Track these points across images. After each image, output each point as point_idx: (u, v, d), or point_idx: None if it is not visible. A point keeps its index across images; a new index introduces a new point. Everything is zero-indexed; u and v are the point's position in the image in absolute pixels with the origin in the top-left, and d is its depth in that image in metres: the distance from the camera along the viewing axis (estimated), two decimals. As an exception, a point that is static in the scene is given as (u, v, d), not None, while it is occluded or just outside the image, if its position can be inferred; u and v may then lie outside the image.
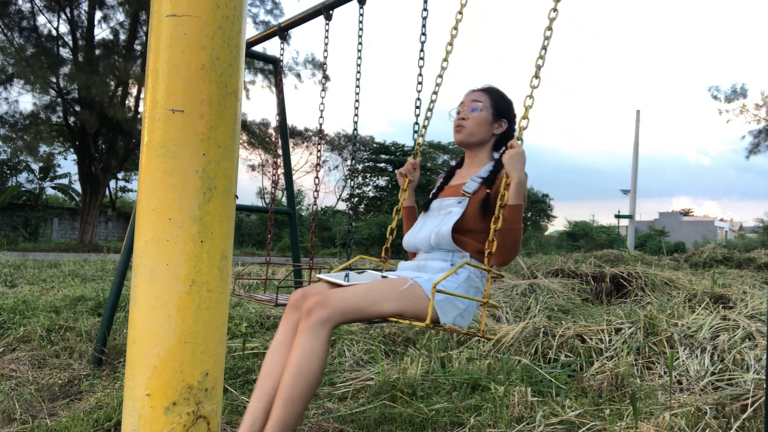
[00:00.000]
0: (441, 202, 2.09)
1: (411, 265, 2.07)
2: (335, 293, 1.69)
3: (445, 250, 1.96)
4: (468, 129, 2.09)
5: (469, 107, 2.11)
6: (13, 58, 16.10)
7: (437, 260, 1.97)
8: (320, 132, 3.25)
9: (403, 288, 1.77)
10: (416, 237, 2.08)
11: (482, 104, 2.09)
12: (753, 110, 22.95)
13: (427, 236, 2.00)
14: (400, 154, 37.32)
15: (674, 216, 47.10)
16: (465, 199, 1.99)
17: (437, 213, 2.07)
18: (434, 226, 2.00)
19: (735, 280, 7.46)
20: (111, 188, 26.68)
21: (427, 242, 2.00)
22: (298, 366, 1.61)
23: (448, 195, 2.11)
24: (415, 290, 1.78)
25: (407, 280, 1.81)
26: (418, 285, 1.80)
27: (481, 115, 2.08)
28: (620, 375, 3.23)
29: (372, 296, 1.71)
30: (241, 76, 1.62)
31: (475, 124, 2.09)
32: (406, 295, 1.76)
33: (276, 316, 5.05)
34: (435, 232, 1.96)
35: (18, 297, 5.10)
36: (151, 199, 1.47)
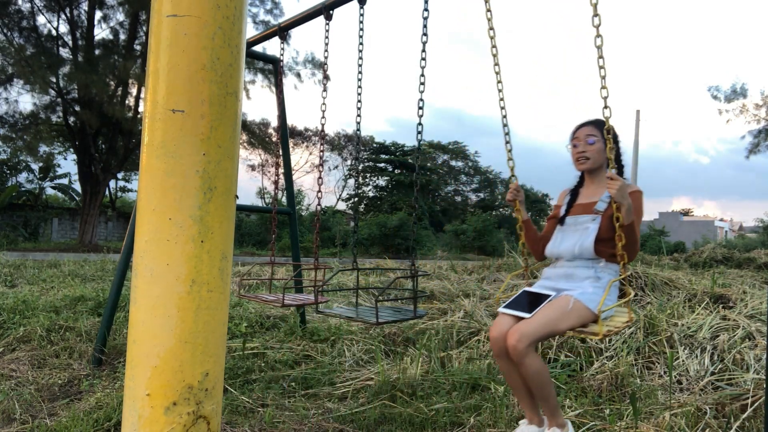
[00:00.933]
0: (576, 219, 2.51)
1: (557, 273, 2.49)
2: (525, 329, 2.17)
3: (586, 259, 2.42)
4: (591, 160, 2.50)
5: (584, 140, 2.50)
6: (13, 58, 16.08)
7: (581, 268, 2.42)
8: (322, 132, 3.25)
9: (570, 309, 2.22)
10: (560, 248, 2.50)
11: (596, 137, 2.48)
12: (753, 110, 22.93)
13: (571, 247, 2.44)
14: (400, 154, 37.30)
15: (674, 216, 47.09)
16: (598, 216, 2.43)
17: (574, 228, 2.50)
18: (576, 239, 2.44)
19: (735, 280, 7.46)
20: (111, 188, 26.65)
21: (571, 252, 2.44)
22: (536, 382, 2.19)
23: (580, 212, 2.52)
24: (577, 306, 2.23)
25: (569, 300, 2.25)
26: (577, 301, 2.24)
27: (597, 146, 2.49)
28: (620, 375, 3.23)
29: (551, 323, 2.19)
30: (242, 76, 1.62)
31: (594, 154, 2.50)
32: (574, 314, 2.21)
33: (276, 316, 5.05)
34: (579, 244, 2.42)
35: (18, 297, 5.10)
36: (151, 199, 1.47)
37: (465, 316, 4.86)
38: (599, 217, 2.43)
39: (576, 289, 2.33)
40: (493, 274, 8.20)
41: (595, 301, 2.25)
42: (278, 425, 2.70)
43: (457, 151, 42.06)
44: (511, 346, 2.17)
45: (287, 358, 3.81)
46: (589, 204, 2.52)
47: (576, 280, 2.41)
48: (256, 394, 3.10)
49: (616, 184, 2.17)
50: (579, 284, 2.37)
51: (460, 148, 41.97)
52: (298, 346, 4.09)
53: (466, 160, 42.72)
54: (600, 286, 2.33)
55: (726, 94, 23.25)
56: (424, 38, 2.44)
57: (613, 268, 2.40)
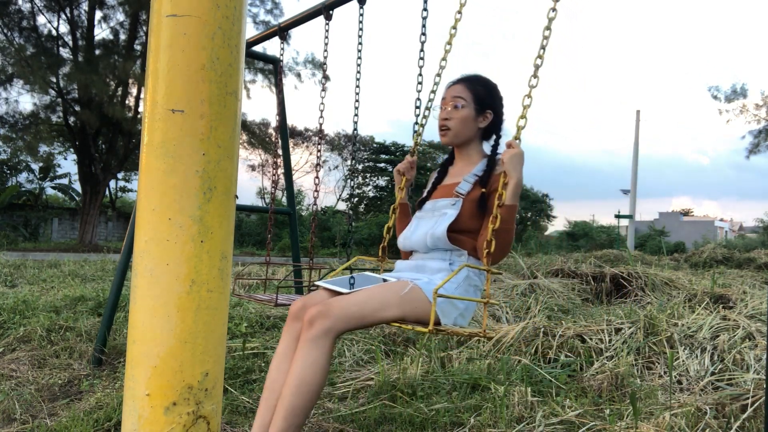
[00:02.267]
0: (435, 203, 2.08)
1: (409, 265, 2.07)
2: (336, 302, 1.69)
3: (442, 250, 1.96)
4: (453, 130, 2.05)
5: (451, 103, 2.05)
6: (13, 58, 16.09)
7: (435, 260, 1.97)
8: (320, 132, 3.25)
9: (404, 292, 1.77)
10: (411, 238, 2.07)
11: (464, 100, 2.03)
12: (753, 110, 22.95)
13: (422, 238, 2.00)
14: (400, 154, 37.29)
15: (674, 216, 47.09)
16: (459, 200, 1.99)
17: (431, 214, 2.06)
18: (429, 227, 1.99)
19: (735, 280, 7.46)
20: (111, 188, 26.67)
21: (423, 243, 2.00)
22: (299, 377, 1.63)
23: (441, 195, 2.09)
24: (416, 293, 1.79)
25: (407, 284, 1.81)
26: (418, 288, 1.80)
27: (463, 113, 2.03)
28: (620, 375, 3.23)
29: (373, 303, 1.72)
30: (241, 76, 1.62)
31: (459, 123, 2.03)
32: (407, 299, 1.76)
33: (276, 316, 5.05)
34: (430, 234, 1.96)
35: (18, 297, 5.10)
36: (151, 199, 1.47)
37: (465, 316, 4.86)
38: (460, 201, 1.97)
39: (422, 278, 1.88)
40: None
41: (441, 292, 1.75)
42: (278, 425, 2.70)
43: (456, 151, 42.01)
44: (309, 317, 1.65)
45: (287, 358, 3.80)
46: (451, 185, 2.07)
47: (426, 271, 1.96)
48: (256, 394, 3.10)
49: (512, 150, 1.77)
50: (428, 275, 1.92)
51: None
52: (298, 346, 4.09)
53: (466, 160, 42.72)
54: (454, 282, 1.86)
55: (726, 94, 23.29)
56: (422, 38, 2.44)
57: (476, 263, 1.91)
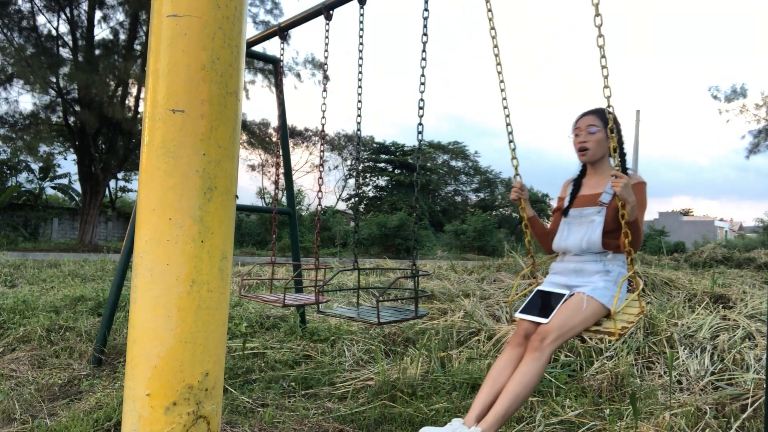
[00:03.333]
0: (580, 211, 2.49)
1: (566, 268, 2.49)
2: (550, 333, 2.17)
3: (594, 253, 2.42)
4: (591, 150, 2.48)
5: (585, 130, 2.47)
6: (13, 58, 16.08)
7: (590, 263, 2.42)
8: (322, 132, 3.25)
9: (584, 307, 2.23)
10: (567, 242, 2.49)
11: (596, 127, 2.45)
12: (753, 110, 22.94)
13: (578, 242, 2.44)
14: (400, 154, 37.29)
15: (674, 216, 47.06)
16: (603, 209, 2.41)
17: (579, 220, 2.48)
18: (584, 233, 2.43)
19: (735, 280, 7.45)
20: (111, 188, 26.65)
21: (579, 246, 2.43)
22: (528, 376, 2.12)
23: (585, 204, 2.50)
24: (591, 304, 2.25)
25: (582, 299, 2.25)
26: (590, 299, 2.25)
27: (597, 136, 2.46)
28: (620, 375, 3.23)
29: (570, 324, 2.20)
30: (242, 76, 1.62)
31: (594, 145, 2.47)
32: (589, 313, 2.23)
33: (276, 316, 5.05)
34: (586, 238, 2.41)
35: (18, 297, 5.10)
36: (151, 199, 1.47)
37: (465, 316, 4.86)
38: (604, 209, 2.41)
39: (587, 285, 2.33)
40: (493, 274, 8.20)
41: (607, 296, 2.26)
42: (278, 425, 2.70)
43: (457, 151, 42.06)
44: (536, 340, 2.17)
45: (287, 358, 3.81)
46: (593, 195, 2.50)
47: (586, 275, 2.41)
48: (256, 394, 3.10)
49: (620, 182, 2.15)
50: (589, 279, 2.37)
51: (460, 148, 41.99)
52: (298, 346, 4.09)
53: (466, 160, 42.73)
54: (610, 280, 2.34)
55: (726, 94, 23.27)
56: (424, 38, 2.44)
57: (620, 259, 2.40)
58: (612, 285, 2.33)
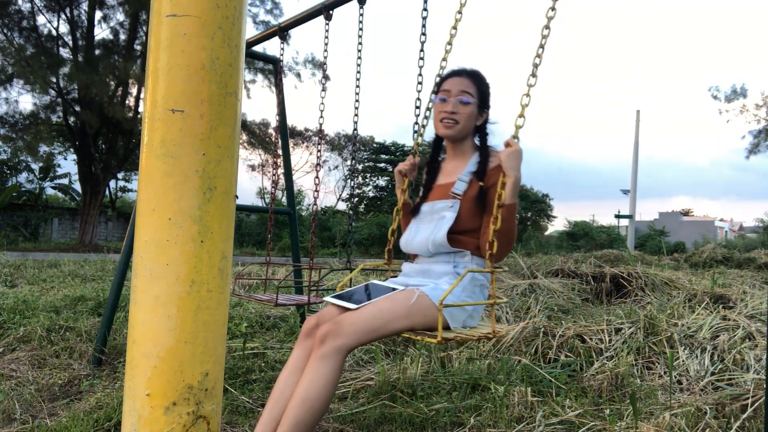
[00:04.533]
0: (432, 206, 2.06)
1: (415, 269, 2.08)
2: (346, 319, 1.70)
3: (445, 253, 1.96)
4: (460, 125, 2.01)
5: (457, 97, 2.00)
6: (13, 58, 16.08)
7: (440, 263, 1.98)
8: (320, 132, 3.25)
9: (412, 302, 1.78)
10: (413, 243, 2.06)
11: (472, 97, 2.01)
12: (753, 110, 22.95)
13: (424, 243, 1.99)
14: (400, 154, 37.29)
15: (674, 216, 47.07)
16: (456, 201, 1.97)
17: (429, 217, 2.04)
18: (429, 232, 1.98)
19: (735, 280, 7.45)
20: (111, 188, 26.66)
21: (426, 249, 1.99)
22: (307, 391, 1.64)
23: (438, 197, 2.07)
24: (424, 302, 1.79)
25: (413, 293, 1.81)
26: (425, 296, 1.81)
27: (470, 109, 2.01)
28: (620, 375, 3.23)
29: (383, 316, 1.73)
30: (241, 76, 1.62)
31: (466, 119, 2.01)
32: (416, 309, 1.77)
33: (276, 316, 5.05)
34: (431, 240, 1.95)
35: (18, 297, 5.10)
36: (151, 199, 1.47)
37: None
38: (457, 203, 1.96)
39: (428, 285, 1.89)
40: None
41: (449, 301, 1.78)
42: (278, 425, 2.70)
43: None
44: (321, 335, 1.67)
45: (287, 358, 3.80)
46: (447, 185, 2.04)
47: (432, 276, 1.97)
48: (256, 394, 3.10)
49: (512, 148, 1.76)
50: (435, 280, 1.93)
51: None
52: (298, 346, 4.09)
53: (466, 160, 42.74)
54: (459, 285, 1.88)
55: (726, 95, 23.29)
56: (422, 38, 2.44)
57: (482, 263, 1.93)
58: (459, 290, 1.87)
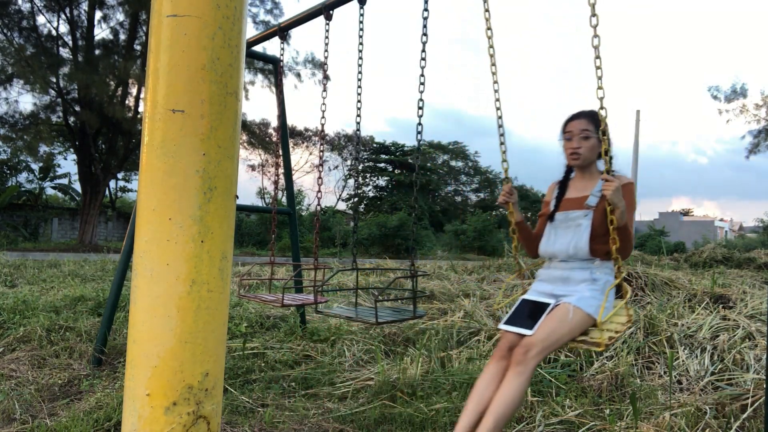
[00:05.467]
0: (566, 215, 2.41)
1: (552, 276, 2.41)
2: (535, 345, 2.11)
3: (581, 260, 2.33)
4: (583, 155, 2.41)
5: (579, 135, 2.41)
6: (13, 58, 16.08)
7: (577, 270, 2.34)
8: (321, 132, 3.25)
9: (570, 318, 2.15)
10: (554, 247, 2.41)
11: (589, 132, 2.39)
12: (753, 110, 22.94)
13: (565, 247, 2.36)
14: (400, 154, 37.29)
15: (674, 216, 47.06)
16: (590, 212, 2.33)
17: (566, 224, 2.40)
18: (570, 238, 2.35)
19: (735, 280, 7.45)
20: (111, 188, 26.65)
21: (565, 252, 2.35)
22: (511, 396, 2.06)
23: (572, 207, 2.42)
24: (577, 315, 2.17)
25: (568, 309, 2.17)
26: (576, 308, 2.17)
27: (590, 143, 2.39)
28: (620, 375, 3.23)
29: (555, 336, 2.13)
30: (242, 76, 1.62)
31: (588, 151, 2.40)
32: (575, 323, 2.15)
33: (276, 316, 5.05)
34: (573, 244, 2.33)
35: (18, 297, 5.10)
36: (151, 199, 1.47)
37: (465, 316, 4.86)
38: (591, 213, 2.33)
39: (573, 294, 2.25)
40: (493, 274, 8.20)
41: (594, 306, 2.18)
42: (278, 425, 2.70)
43: (457, 151, 42.04)
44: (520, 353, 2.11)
45: (287, 358, 3.80)
46: (579, 198, 2.42)
47: (572, 283, 2.33)
48: (256, 394, 3.10)
49: (612, 185, 2.10)
50: (575, 288, 2.29)
51: (460, 148, 41.99)
52: (298, 346, 4.09)
53: (466, 160, 42.73)
54: (597, 289, 2.26)
55: (726, 94, 23.26)
56: (424, 38, 2.44)
57: (608, 266, 2.31)
58: (599, 294, 2.25)
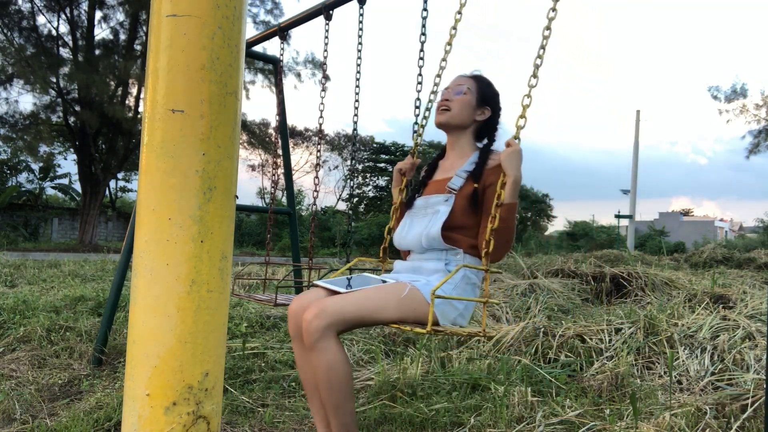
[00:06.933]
0: (427, 200, 2.07)
1: (406, 266, 2.08)
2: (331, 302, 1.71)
3: (437, 250, 1.96)
4: (451, 111, 2.06)
5: (453, 90, 2.10)
6: (13, 58, 16.09)
7: (431, 260, 1.97)
8: (320, 132, 3.25)
9: (403, 295, 1.79)
10: (406, 238, 2.06)
11: (468, 88, 2.08)
12: (753, 110, 22.93)
13: (417, 238, 1.99)
14: (400, 154, 37.28)
15: (674, 216, 47.09)
16: (451, 196, 1.98)
17: (424, 212, 2.05)
18: (423, 227, 1.98)
19: (735, 280, 7.45)
20: (111, 188, 26.66)
21: (419, 243, 1.99)
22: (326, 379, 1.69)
23: (433, 192, 2.08)
24: (415, 295, 1.80)
25: (406, 286, 1.82)
26: (416, 290, 1.82)
27: (465, 98, 2.06)
28: (620, 375, 3.23)
29: (371, 303, 1.74)
30: (242, 76, 1.62)
31: (458, 106, 2.06)
32: (406, 301, 1.78)
33: (276, 316, 5.05)
34: (425, 234, 1.95)
35: (18, 297, 5.10)
36: (151, 199, 1.47)
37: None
38: (452, 197, 1.96)
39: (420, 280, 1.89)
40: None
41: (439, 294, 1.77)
42: (278, 425, 2.70)
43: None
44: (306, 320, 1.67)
45: (287, 358, 3.81)
46: (443, 180, 2.06)
47: (423, 273, 1.96)
48: (256, 394, 3.10)
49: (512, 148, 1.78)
50: (427, 277, 1.92)
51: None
52: (298, 346, 4.09)
53: (466, 160, 42.75)
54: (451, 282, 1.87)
55: (726, 94, 23.27)
56: (422, 38, 2.44)
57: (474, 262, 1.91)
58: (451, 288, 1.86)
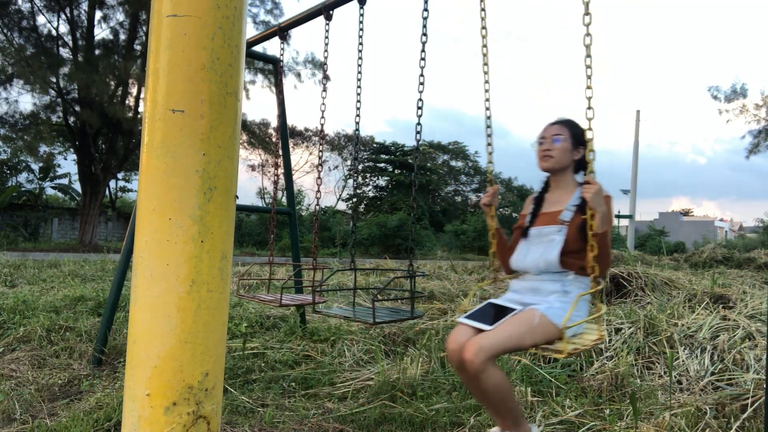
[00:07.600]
0: (540, 230, 2.38)
1: (524, 287, 2.38)
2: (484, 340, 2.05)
3: (552, 272, 2.29)
4: (555, 158, 2.38)
5: (551, 139, 2.39)
6: (13, 58, 16.08)
7: (547, 281, 2.30)
8: (321, 132, 3.25)
9: (535, 323, 2.11)
10: (524, 261, 2.37)
11: (563, 136, 2.37)
12: (753, 110, 22.93)
13: (535, 262, 2.32)
14: (400, 154, 37.28)
15: (674, 216, 47.10)
16: (564, 227, 2.30)
17: (539, 240, 2.37)
18: (539, 253, 2.31)
19: (735, 280, 7.45)
20: (111, 188, 26.65)
21: (536, 267, 2.32)
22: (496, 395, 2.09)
23: (546, 223, 2.39)
24: (543, 321, 2.13)
25: (534, 314, 2.13)
26: (544, 316, 2.13)
27: (563, 145, 2.37)
28: (620, 375, 3.23)
29: (515, 335, 2.08)
30: (242, 76, 1.62)
31: (559, 153, 2.37)
32: (539, 329, 2.11)
33: (276, 316, 5.05)
34: (544, 259, 2.28)
35: (18, 297, 5.10)
36: (151, 199, 1.47)
37: (465, 316, 4.86)
38: (565, 228, 2.30)
39: (542, 303, 2.21)
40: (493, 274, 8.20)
41: (562, 317, 2.12)
42: (278, 425, 2.70)
43: (457, 151, 42.03)
44: (468, 359, 2.04)
45: (287, 358, 3.80)
46: (554, 213, 2.38)
47: (542, 294, 2.29)
48: (256, 394, 3.10)
49: (592, 187, 2.08)
50: (545, 298, 2.25)
51: (460, 148, 41.98)
52: (298, 346, 4.09)
53: (466, 160, 42.70)
54: (568, 301, 2.21)
55: (726, 94, 23.26)
56: (423, 38, 2.44)
57: (583, 281, 2.26)
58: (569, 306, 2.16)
